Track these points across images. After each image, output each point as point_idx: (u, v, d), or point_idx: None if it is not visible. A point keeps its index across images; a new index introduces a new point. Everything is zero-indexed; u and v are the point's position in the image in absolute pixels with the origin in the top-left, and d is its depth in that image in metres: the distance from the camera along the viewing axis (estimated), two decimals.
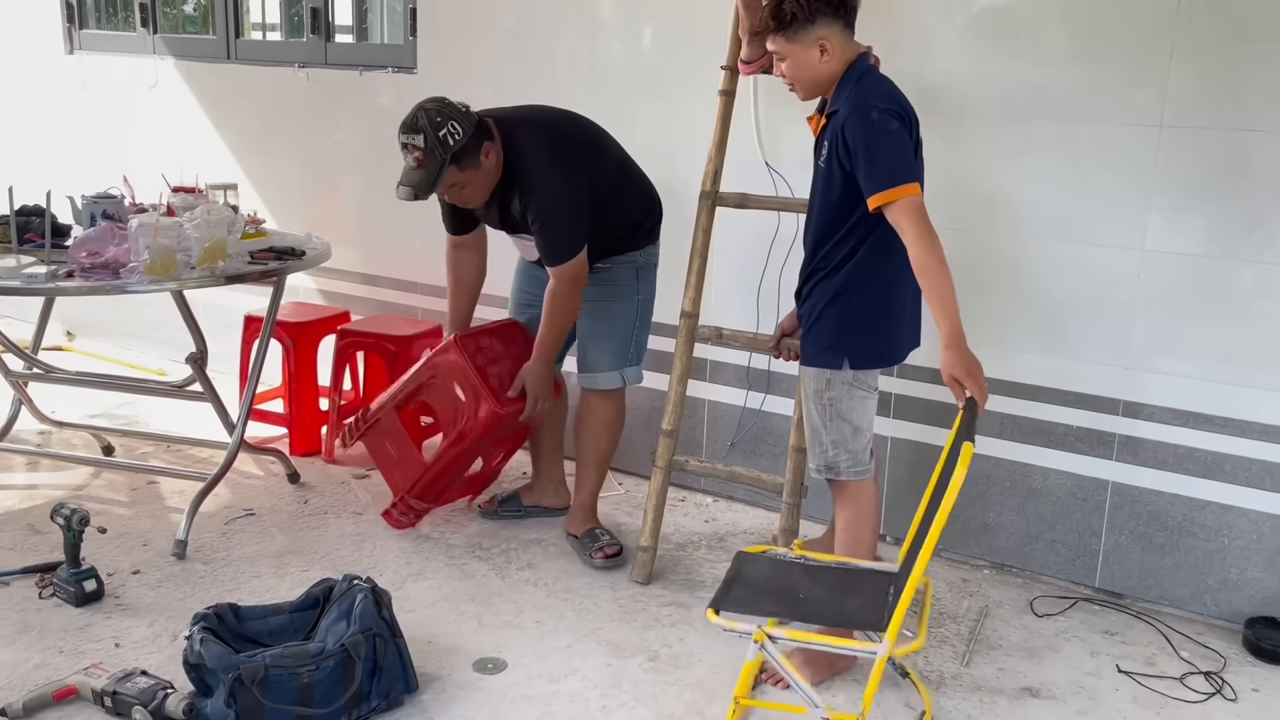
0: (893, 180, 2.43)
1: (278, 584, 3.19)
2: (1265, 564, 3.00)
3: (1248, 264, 2.90)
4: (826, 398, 2.68)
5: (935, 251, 2.41)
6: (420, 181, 3.01)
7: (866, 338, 2.66)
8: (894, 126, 2.46)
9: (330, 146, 4.56)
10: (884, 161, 2.45)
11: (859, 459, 2.71)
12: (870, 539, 2.77)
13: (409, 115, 3.03)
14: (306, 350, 4.17)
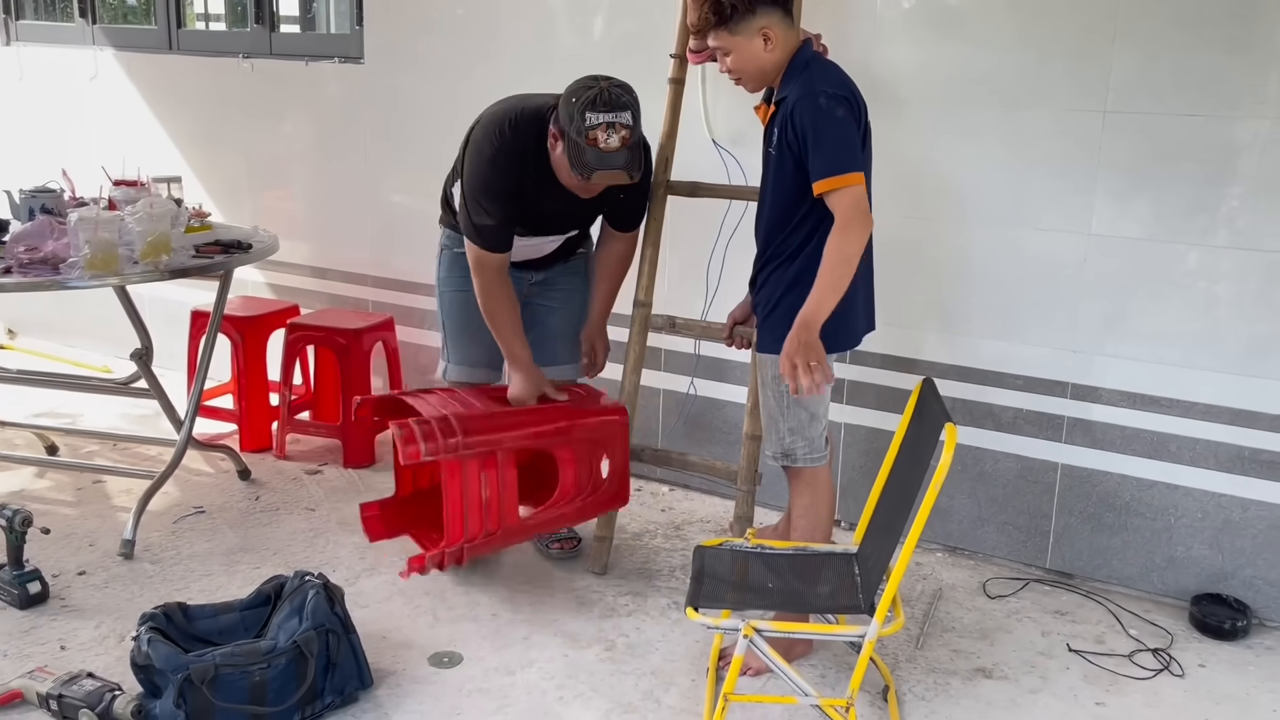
0: (836, 168, 2.45)
1: (229, 582, 3.14)
2: (1210, 542, 3.05)
3: (1191, 247, 2.95)
4: (784, 385, 2.68)
5: (854, 246, 2.45)
6: (633, 161, 2.72)
7: (825, 323, 2.66)
8: (840, 113, 2.47)
9: (277, 138, 4.50)
10: (829, 148, 2.46)
11: (815, 445, 2.72)
12: (827, 524, 2.79)
13: (605, 93, 2.68)
14: (255, 345, 4.11)
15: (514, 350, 3.01)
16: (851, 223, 2.45)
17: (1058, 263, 3.11)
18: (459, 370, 3.21)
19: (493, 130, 2.85)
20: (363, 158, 4.27)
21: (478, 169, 2.85)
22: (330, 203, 4.41)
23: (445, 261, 3.17)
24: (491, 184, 2.84)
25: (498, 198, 2.84)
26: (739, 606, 2.49)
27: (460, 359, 3.20)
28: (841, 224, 2.46)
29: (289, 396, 4.08)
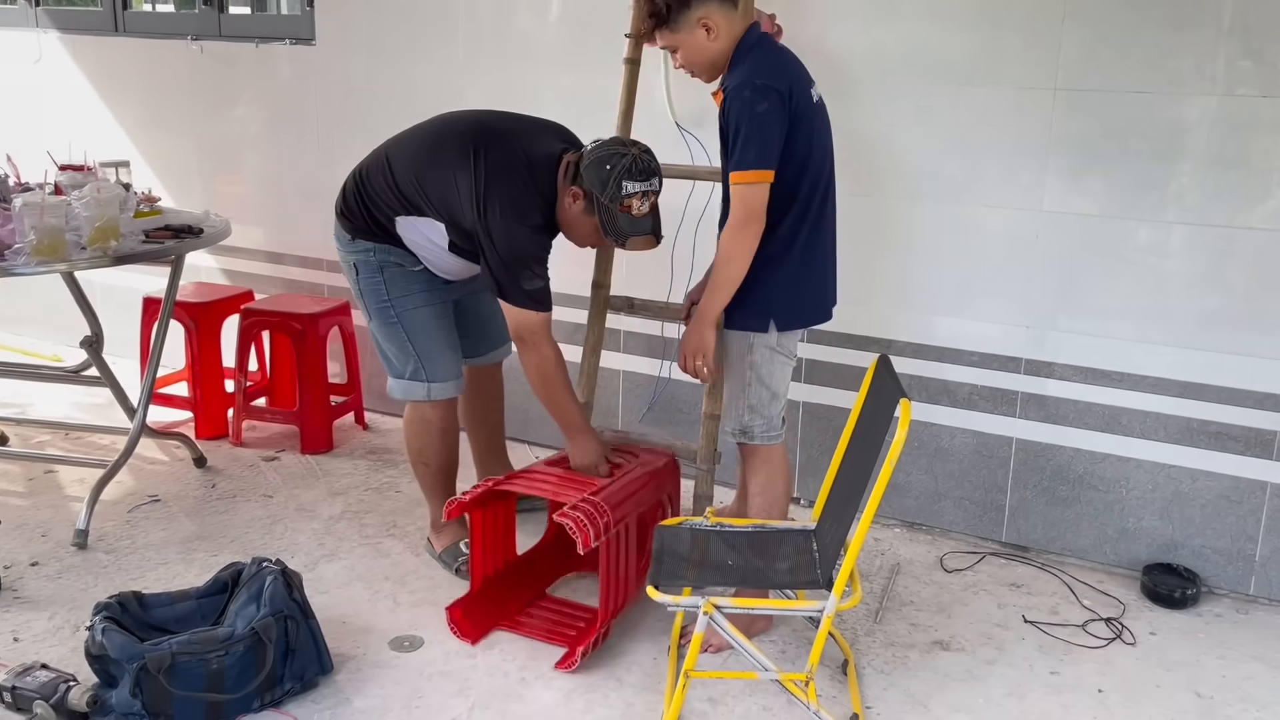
0: (745, 163, 2.49)
1: (185, 570, 3.11)
2: (1160, 513, 3.11)
3: (1141, 223, 2.99)
4: (747, 361, 2.70)
5: (744, 245, 2.54)
6: (658, 223, 2.77)
7: (792, 300, 2.68)
8: (763, 108, 2.48)
9: (228, 122, 4.43)
10: (744, 143, 2.50)
11: (773, 424, 2.74)
12: (783, 501, 2.81)
13: (638, 161, 2.70)
14: (209, 331, 4.06)
15: (576, 419, 2.93)
16: (747, 222, 2.53)
17: (1011, 239, 3.14)
18: (445, 388, 3.04)
19: (518, 191, 2.75)
20: (316, 142, 4.22)
21: (519, 235, 2.75)
22: (283, 187, 4.36)
23: (394, 279, 2.97)
24: (537, 247, 2.79)
25: (543, 256, 2.82)
26: (699, 584, 2.50)
27: (444, 375, 3.03)
28: (734, 222, 2.54)
29: (244, 383, 4.04)
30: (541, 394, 2.91)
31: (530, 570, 3.07)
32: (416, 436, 3.11)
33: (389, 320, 3.01)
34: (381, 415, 4.32)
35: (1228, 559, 3.05)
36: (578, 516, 2.57)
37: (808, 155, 2.58)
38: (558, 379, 2.88)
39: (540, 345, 2.83)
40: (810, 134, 2.58)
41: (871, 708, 2.55)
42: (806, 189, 2.60)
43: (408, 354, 3.02)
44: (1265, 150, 2.82)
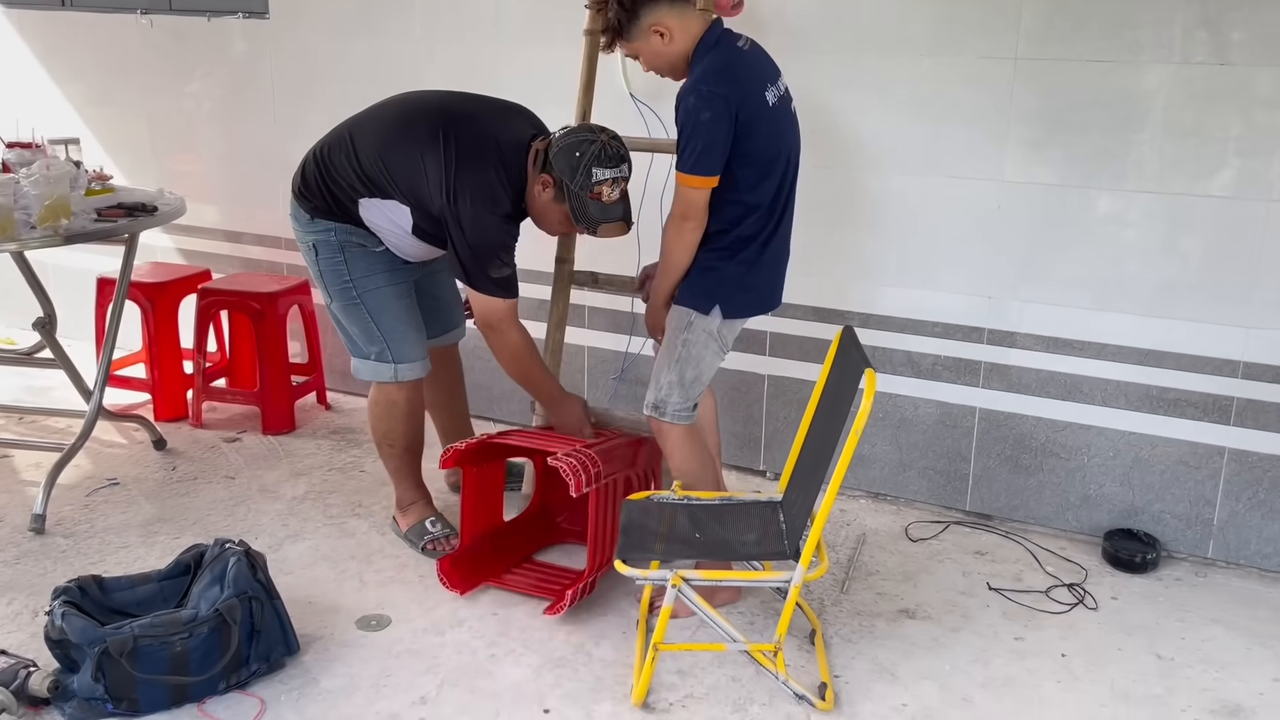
0: (687, 167, 2.52)
1: (147, 554, 3.07)
2: (1121, 479, 3.15)
3: (1102, 192, 3.01)
4: (682, 338, 2.69)
5: (683, 240, 2.61)
6: (629, 209, 2.78)
7: (744, 293, 2.70)
8: (707, 115, 2.47)
9: (181, 98, 4.35)
10: (687, 147, 2.51)
11: (687, 404, 2.73)
12: (706, 477, 2.80)
13: (607, 148, 2.68)
14: (166, 311, 4.00)
15: (553, 391, 2.98)
16: (684, 219, 2.59)
17: (972, 210, 3.15)
18: (413, 368, 3.00)
19: (489, 180, 2.72)
20: (272, 117, 4.16)
21: (489, 225, 2.73)
22: (239, 164, 4.29)
23: (355, 258, 2.92)
24: (507, 236, 2.78)
25: (512, 244, 2.80)
26: (667, 557, 2.51)
27: (410, 355, 3.00)
28: (675, 217, 2.60)
29: (203, 364, 3.98)
30: (516, 375, 2.92)
31: (514, 538, 3.10)
32: (382, 419, 3.08)
33: (351, 301, 2.96)
34: (343, 395, 4.28)
35: (1186, 523, 3.10)
36: (571, 463, 2.64)
37: (767, 159, 2.58)
38: (529, 359, 2.89)
39: (508, 331, 2.82)
40: (768, 139, 2.57)
41: (840, 676, 2.57)
42: (768, 191, 2.60)
43: (372, 335, 2.98)
44: (1221, 118, 2.84)
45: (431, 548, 3.08)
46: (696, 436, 2.79)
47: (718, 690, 2.51)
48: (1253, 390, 2.94)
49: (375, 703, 2.46)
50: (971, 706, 2.47)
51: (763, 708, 2.45)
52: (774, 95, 2.59)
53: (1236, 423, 2.98)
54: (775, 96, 2.60)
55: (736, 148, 2.52)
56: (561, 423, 2.98)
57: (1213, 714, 2.45)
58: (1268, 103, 2.78)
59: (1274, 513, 3.00)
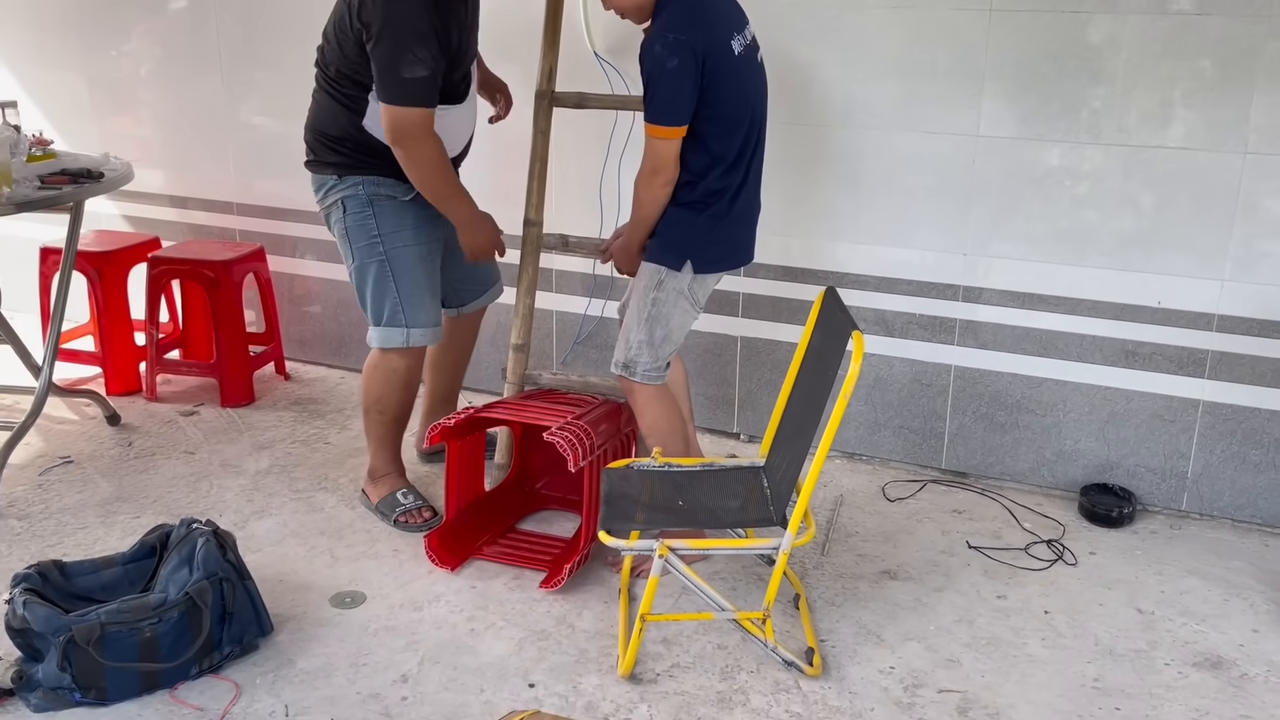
0: (655, 118, 2.48)
1: (106, 534, 2.97)
2: (1096, 434, 3.15)
3: (1077, 146, 2.97)
4: (652, 296, 2.65)
5: (653, 193, 2.58)
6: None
7: (714, 246, 2.64)
8: (673, 64, 2.42)
9: (122, 58, 4.17)
10: (654, 97, 2.47)
11: (658, 365, 2.69)
12: (676, 439, 2.76)
13: None
14: (115, 281, 3.85)
15: (466, 208, 2.83)
16: (654, 173, 2.54)
17: (947, 166, 3.11)
18: (424, 334, 2.93)
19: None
20: (219, 78, 3.99)
21: (398, 11, 2.58)
22: (186, 127, 4.12)
23: (384, 213, 2.84)
24: (419, 23, 2.59)
25: (427, 36, 2.61)
26: (649, 526, 2.46)
27: (424, 320, 2.92)
28: (645, 171, 2.56)
29: (156, 335, 3.84)
30: (429, 191, 2.78)
31: (496, 508, 3.05)
32: (378, 384, 3.00)
33: (376, 257, 2.87)
34: (303, 364, 4.17)
35: (1161, 477, 3.11)
36: (567, 437, 2.60)
37: (734, 110, 2.52)
38: (445, 173, 2.77)
39: (423, 141, 2.69)
40: (735, 88, 2.51)
41: (825, 640, 2.55)
42: (735, 143, 2.55)
43: (389, 295, 2.89)
44: (1198, 71, 2.81)
45: (405, 520, 3.01)
46: (667, 395, 2.75)
47: (704, 659, 2.48)
48: (1227, 343, 2.95)
49: (355, 683, 2.39)
50: (959, 667, 2.46)
51: (751, 675, 2.42)
52: (740, 44, 2.53)
53: (1211, 376, 2.98)
54: (742, 45, 2.54)
55: (702, 97, 2.46)
56: (474, 241, 2.87)
57: (1196, 667, 2.47)
58: (1245, 54, 2.76)
59: (1247, 464, 3.02)
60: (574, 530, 2.95)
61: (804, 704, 2.33)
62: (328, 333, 4.13)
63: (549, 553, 2.87)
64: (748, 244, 2.73)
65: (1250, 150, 2.81)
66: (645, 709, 2.31)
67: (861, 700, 2.34)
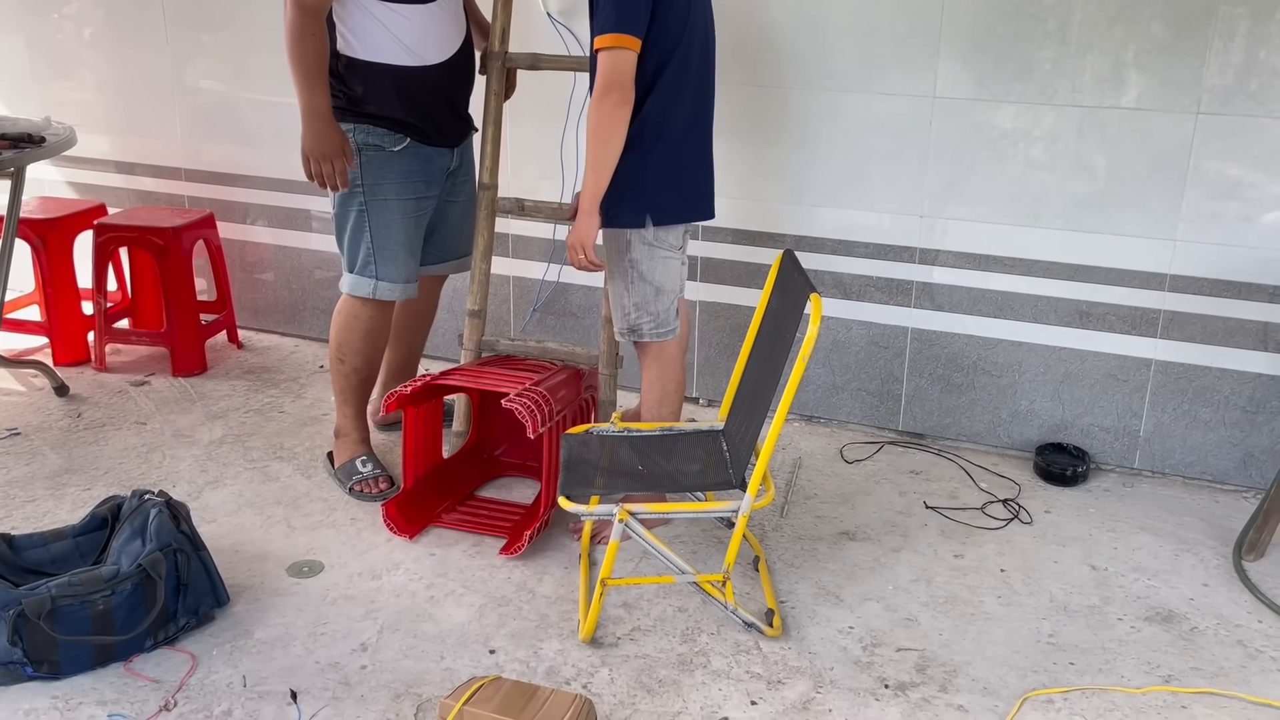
0: (607, 25, 2.36)
1: (56, 507, 2.91)
2: (1051, 394, 3.18)
3: (1032, 107, 2.98)
4: (628, 259, 2.61)
5: (609, 116, 2.39)
6: None
7: (666, 193, 2.57)
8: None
9: (63, 20, 4.05)
10: (606, 5, 2.37)
11: (662, 320, 2.66)
12: (675, 399, 2.75)
13: None
14: (60, 249, 3.77)
15: (317, 98, 2.69)
16: (606, 91, 2.38)
17: (903, 128, 3.10)
18: (393, 289, 2.90)
19: None
20: (164, 40, 3.89)
21: None
22: (130, 91, 4.02)
23: (370, 163, 2.81)
24: None
25: None
26: (609, 491, 2.46)
27: (394, 276, 2.90)
28: (596, 93, 2.40)
29: (104, 304, 3.77)
30: (292, 61, 2.67)
31: (454, 475, 3.03)
32: (340, 329, 2.98)
33: (356, 205, 2.85)
34: (256, 333, 4.11)
35: (1114, 435, 3.15)
36: (525, 404, 2.57)
37: (676, 33, 2.44)
38: (313, 49, 2.65)
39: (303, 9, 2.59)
40: (679, 11, 2.43)
41: (785, 601, 2.56)
42: (677, 66, 2.46)
43: (363, 243, 2.87)
44: (1150, 32, 2.82)
45: (359, 489, 2.98)
46: (677, 352, 2.73)
47: (665, 622, 2.48)
48: (1179, 303, 2.98)
49: (313, 652, 2.37)
50: (916, 626, 2.49)
51: (711, 637, 2.43)
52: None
53: (1163, 335, 3.02)
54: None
55: (650, 18, 2.38)
56: (312, 143, 2.73)
57: (1148, 621, 2.51)
58: (1197, 16, 2.77)
59: (1197, 422, 3.06)
60: (533, 496, 2.95)
61: (764, 665, 2.34)
62: (281, 300, 4.07)
63: (509, 519, 2.86)
64: (705, 196, 2.67)
65: (1203, 110, 2.83)
66: (606, 673, 2.31)
67: (821, 660, 2.36)
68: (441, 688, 2.25)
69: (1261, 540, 2.73)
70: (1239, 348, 2.96)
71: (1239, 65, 2.77)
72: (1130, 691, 2.27)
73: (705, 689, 2.27)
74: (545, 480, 2.74)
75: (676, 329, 2.70)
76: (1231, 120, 2.81)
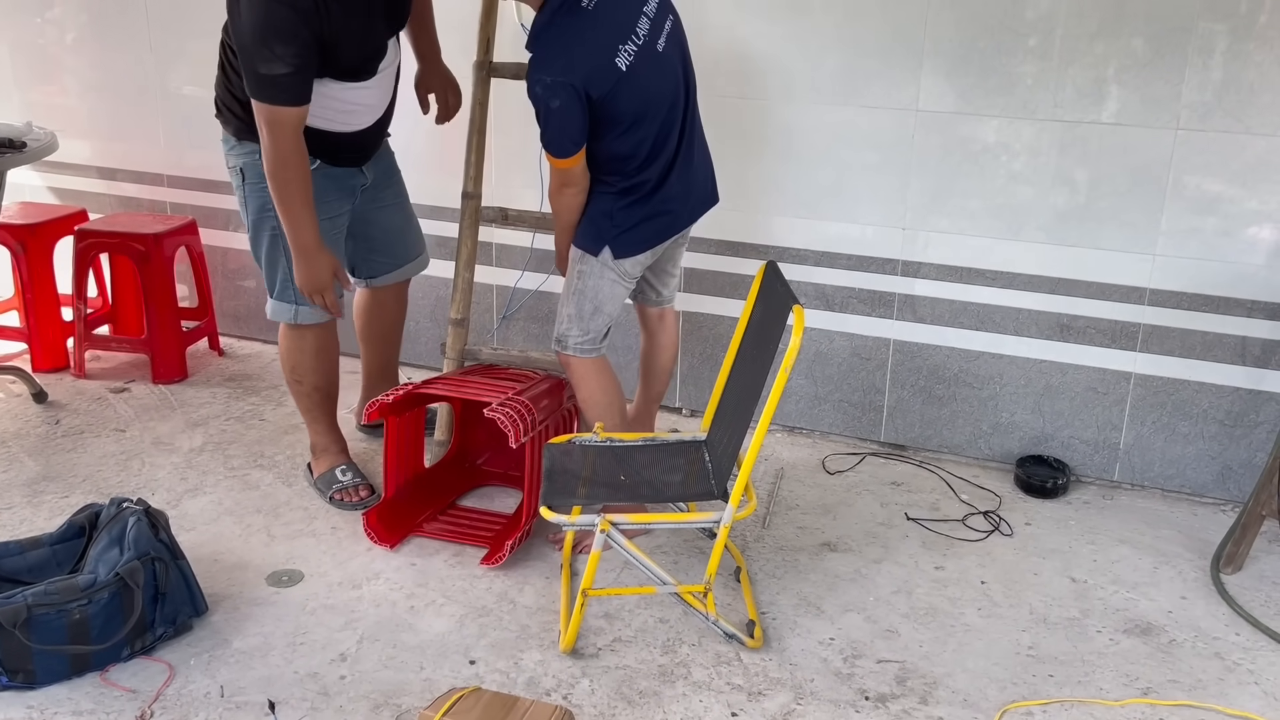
0: (552, 150, 2.50)
1: (33, 515, 2.89)
2: (1032, 407, 3.20)
3: (1013, 121, 3.00)
4: (578, 269, 2.67)
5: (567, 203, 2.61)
6: None
7: (631, 233, 2.64)
8: (555, 104, 2.41)
9: (44, 25, 4.03)
10: (546, 131, 2.47)
11: (590, 338, 2.68)
12: (613, 412, 2.74)
13: None
14: (40, 255, 3.74)
15: (304, 232, 2.62)
16: (564, 186, 2.58)
17: (886, 141, 3.12)
18: (314, 313, 2.83)
19: None
20: (147, 44, 3.88)
21: (255, 6, 2.42)
22: (113, 96, 4.00)
23: None
24: (276, 19, 2.41)
25: (289, 36, 2.43)
26: (591, 501, 2.45)
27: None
28: (554, 187, 2.60)
29: (84, 310, 3.74)
30: (274, 195, 2.61)
31: (436, 484, 3.03)
32: (289, 354, 2.95)
33: (268, 229, 2.79)
34: (238, 340, 4.09)
35: (1094, 448, 3.17)
36: (507, 413, 2.57)
37: (635, 115, 2.49)
38: (293, 183, 2.58)
39: (279, 138, 2.52)
40: (631, 98, 2.46)
41: (766, 613, 2.56)
42: (645, 143, 2.53)
43: (279, 266, 2.82)
44: (1130, 47, 2.84)
45: (339, 498, 2.97)
46: (604, 369, 2.74)
47: (646, 632, 2.48)
48: (1158, 316, 3.00)
49: (292, 662, 2.36)
50: (897, 637, 2.49)
51: (692, 648, 2.43)
52: (632, 48, 2.44)
53: (1143, 349, 3.04)
54: (633, 51, 2.44)
55: (597, 114, 2.45)
56: (303, 276, 2.69)
57: (1127, 634, 2.52)
58: (1176, 32, 2.80)
59: (1176, 435, 3.08)
60: (515, 506, 2.94)
61: (745, 676, 2.34)
62: (262, 307, 4.02)
63: (490, 529, 2.85)
64: (677, 218, 2.71)
65: (1181, 126, 2.85)
66: (587, 684, 2.31)
67: (802, 671, 2.36)
68: (421, 698, 2.24)
69: (1239, 553, 2.75)
70: (1217, 361, 2.99)
71: (1218, 82, 2.80)
72: (1109, 704, 2.28)
73: (686, 700, 2.26)
74: (527, 490, 2.74)
75: (602, 349, 2.72)
76: (1210, 136, 2.84)
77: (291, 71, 2.48)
